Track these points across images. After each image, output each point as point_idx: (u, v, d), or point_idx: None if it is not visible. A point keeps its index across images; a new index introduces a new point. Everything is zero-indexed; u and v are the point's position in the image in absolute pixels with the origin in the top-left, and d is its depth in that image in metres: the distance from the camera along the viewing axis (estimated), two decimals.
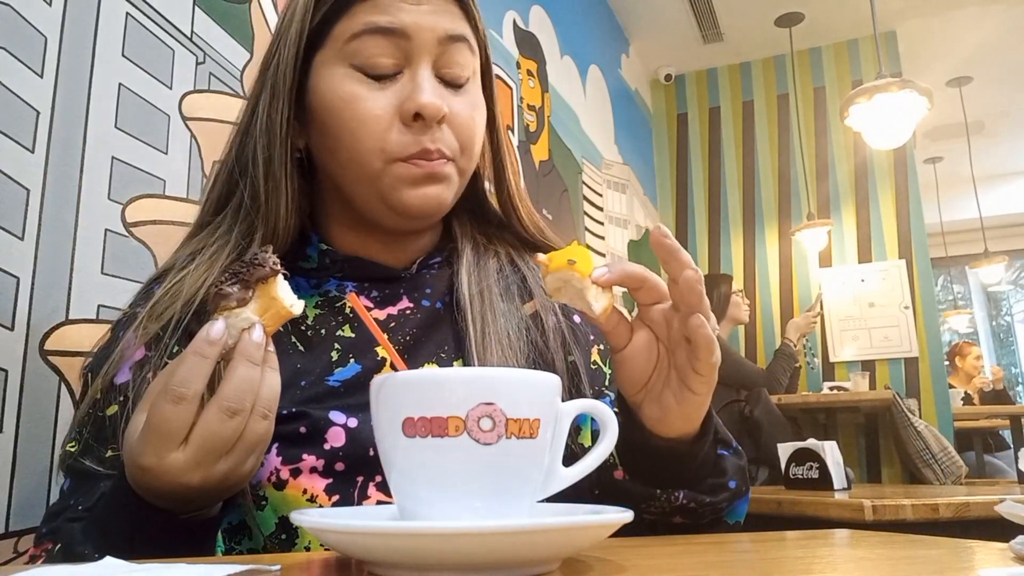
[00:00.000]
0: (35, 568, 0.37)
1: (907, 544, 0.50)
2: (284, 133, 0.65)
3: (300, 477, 0.59)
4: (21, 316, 0.82)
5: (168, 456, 0.46)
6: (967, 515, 1.50)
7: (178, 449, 0.46)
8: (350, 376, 0.65)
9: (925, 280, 3.70)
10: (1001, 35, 4.09)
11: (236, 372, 0.48)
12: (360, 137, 0.63)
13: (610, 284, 0.51)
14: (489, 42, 0.74)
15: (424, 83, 0.63)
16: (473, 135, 0.68)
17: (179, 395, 0.46)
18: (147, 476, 0.47)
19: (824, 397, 3.23)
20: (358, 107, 0.63)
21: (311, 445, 0.60)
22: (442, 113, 0.63)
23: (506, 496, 0.41)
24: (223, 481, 0.49)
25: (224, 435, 0.47)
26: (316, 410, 0.61)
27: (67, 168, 0.90)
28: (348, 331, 0.68)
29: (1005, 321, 7.22)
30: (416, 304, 0.70)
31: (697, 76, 4.33)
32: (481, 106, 0.70)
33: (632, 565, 0.41)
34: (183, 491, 0.48)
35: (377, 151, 0.63)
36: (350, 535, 0.37)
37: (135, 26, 1.02)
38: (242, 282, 0.49)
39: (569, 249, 0.53)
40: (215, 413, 0.47)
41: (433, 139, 0.64)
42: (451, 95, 0.66)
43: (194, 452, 0.46)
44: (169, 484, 0.47)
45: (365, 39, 0.63)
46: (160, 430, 0.46)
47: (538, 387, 0.43)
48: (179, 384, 0.46)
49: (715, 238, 4.09)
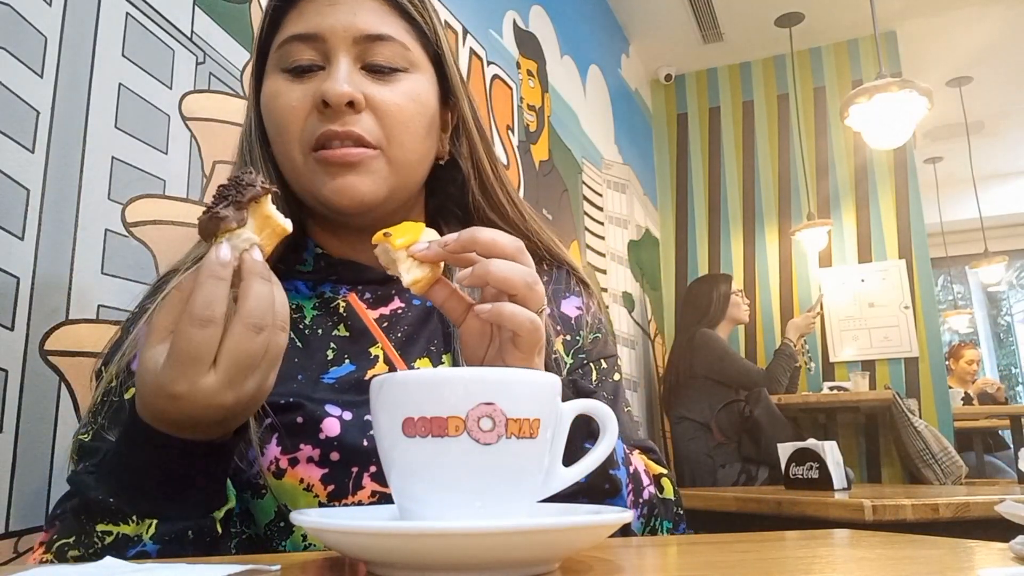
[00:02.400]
0: (35, 568, 0.37)
1: (907, 544, 0.50)
2: (254, 137, 0.70)
3: (297, 467, 0.61)
4: (21, 316, 0.82)
5: (200, 380, 0.47)
6: (967, 515, 1.50)
7: (209, 372, 0.47)
8: (344, 374, 0.67)
9: (925, 280, 3.70)
10: (1001, 35, 4.09)
11: (252, 289, 0.48)
12: (283, 131, 0.67)
13: (426, 260, 0.53)
14: (445, 46, 0.74)
15: (336, 73, 0.65)
16: (402, 124, 0.67)
17: (206, 318, 0.46)
18: (180, 404, 0.47)
19: (824, 397, 3.23)
20: (279, 102, 0.67)
21: (307, 435, 0.61)
22: (348, 98, 0.64)
23: (506, 496, 0.41)
24: (253, 398, 0.49)
25: (253, 351, 0.48)
26: (311, 402, 0.63)
27: (67, 168, 0.90)
28: (343, 330, 0.70)
29: (1005, 321, 7.22)
30: (407, 303, 0.73)
31: (697, 76, 4.33)
32: (417, 97, 0.69)
33: (632, 565, 0.41)
34: (216, 413, 0.48)
35: (295, 142, 0.66)
36: (350, 535, 0.37)
37: (135, 26, 1.02)
38: (235, 203, 0.49)
39: (400, 226, 0.56)
40: (242, 331, 0.47)
41: (343, 123, 0.65)
42: (375, 85, 0.67)
43: (225, 372, 0.47)
44: (203, 408, 0.47)
45: (288, 47, 0.67)
46: (190, 355, 0.46)
47: (538, 387, 0.43)
48: (203, 308, 0.47)
49: (715, 238, 4.09)
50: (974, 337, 6.78)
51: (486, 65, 2.17)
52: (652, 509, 0.68)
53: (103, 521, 0.50)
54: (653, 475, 0.71)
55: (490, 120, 2.14)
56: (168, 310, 0.49)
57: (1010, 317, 7.16)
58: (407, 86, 0.69)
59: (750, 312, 3.52)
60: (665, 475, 0.72)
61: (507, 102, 2.29)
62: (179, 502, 0.51)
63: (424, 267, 0.54)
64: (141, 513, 0.50)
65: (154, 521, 0.50)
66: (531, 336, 0.53)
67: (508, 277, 0.52)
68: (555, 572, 0.39)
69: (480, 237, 0.53)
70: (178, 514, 0.50)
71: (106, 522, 0.50)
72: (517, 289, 0.52)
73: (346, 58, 0.66)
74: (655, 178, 4.21)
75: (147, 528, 0.50)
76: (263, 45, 0.71)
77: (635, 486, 0.65)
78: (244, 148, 0.73)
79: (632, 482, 0.65)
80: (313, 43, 0.67)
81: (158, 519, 0.50)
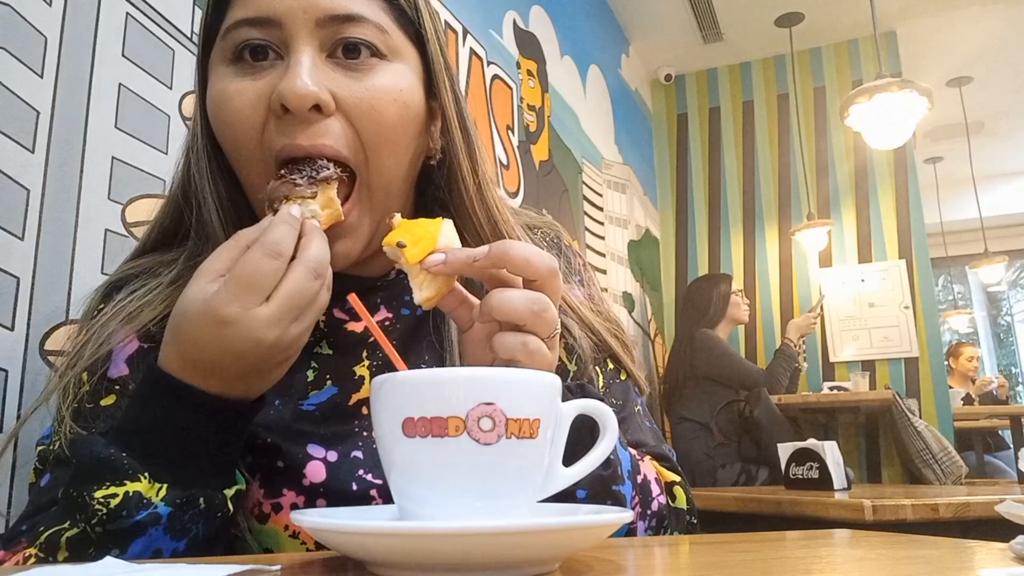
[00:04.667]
0: (35, 568, 0.37)
1: (907, 544, 0.50)
2: (202, 142, 0.61)
3: (281, 513, 0.57)
4: (21, 316, 0.82)
5: (253, 308, 0.47)
6: (967, 515, 1.50)
7: (263, 304, 0.47)
8: (325, 399, 0.62)
9: (925, 280, 3.69)
10: (1001, 35, 4.09)
11: (314, 241, 0.50)
12: (236, 147, 0.58)
13: (443, 274, 0.51)
14: (430, 23, 0.63)
15: (296, 67, 0.54)
16: (383, 134, 0.58)
17: (277, 251, 0.48)
18: (225, 330, 0.47)
19: (824, 397, 3.23)
20: (228, 108, 0.57)
21: (290, 481, 0.58)
22: (312, 100, 0.54)
23: (506, 496, 0.41)
24: (291, 345, 0.50)
25: (308, 293, 0.49)
26: (292, 445, 0.59)
27: (67, 168, 0.90)
28: (326, 348, 0.64)
29: (1005, 321, 7.22)
30: (395, 313, 0.67)
31: (697, 76, 4.33)
32: (397, 95, 0.59)
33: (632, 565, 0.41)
34: (255, 348, 0.48)
35: (253, 163, 0.57)
36: (350, 535, 0.37)
37: (135, 26, 1.02)
38: (309, 178, 0.54)
39: (414, 223, 0.52)
40: (303, 272, 0.49)
41: (310, 135, 0.55)
42: (346, 79, 0.57)
43: (278, 306, 0.48)
44: (245, 339, 0.47)
45: (234, 34, 0.57)
46: (252, 281, 0.47)
47: (538, 387, 0.43)
48: (276, 243, 0.48)
49: (715, 238, 4.09)
50: (974, 337, 6.78)
51: (486, 65, 2.17)
52: (662, 520, 0.64)
53: (106, 484, 0.46)
54: (665, 483, 0.67)
55: (490, 120, 2.14)
56: (220, 257, 0.49)
57: (1010, 317, 7.16)
58: (386, 80, 0.58)
59: (750, 312, 3.52)
60: (678, 483, 0.68)
61: (507, 102, 2.29)
62: (192, 465, 0.49)
63: (437, 280, 0.51)
64: (153, 474, 0.47)
65: (164, 484, 0.48)
66: (532, 365, 0.49)
67: (510, 310, 0.49)
68: (555, 572, 0.39)
69: (513, 254, 0.49)
70: (191, 480, 0.49)
71: (109, 485, 0.46)
72: (523, 320, 0.49)
73: (308, 47, 0.55)
74: (655, 178, 4.21)
75: (157, 491, 0.48)
76: (208, 34, 0.60)
77: (643, 497, 0.62)
78: (189, 162, 0.63)
79: (639, 494, 0.61)
80: (266, 28, 0.56)
81: (169, 483, 0.48)
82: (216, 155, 0.61)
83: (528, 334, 0.50)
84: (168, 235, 0.68)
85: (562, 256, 0.77)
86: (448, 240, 0.52)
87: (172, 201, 0.67)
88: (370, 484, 0.59)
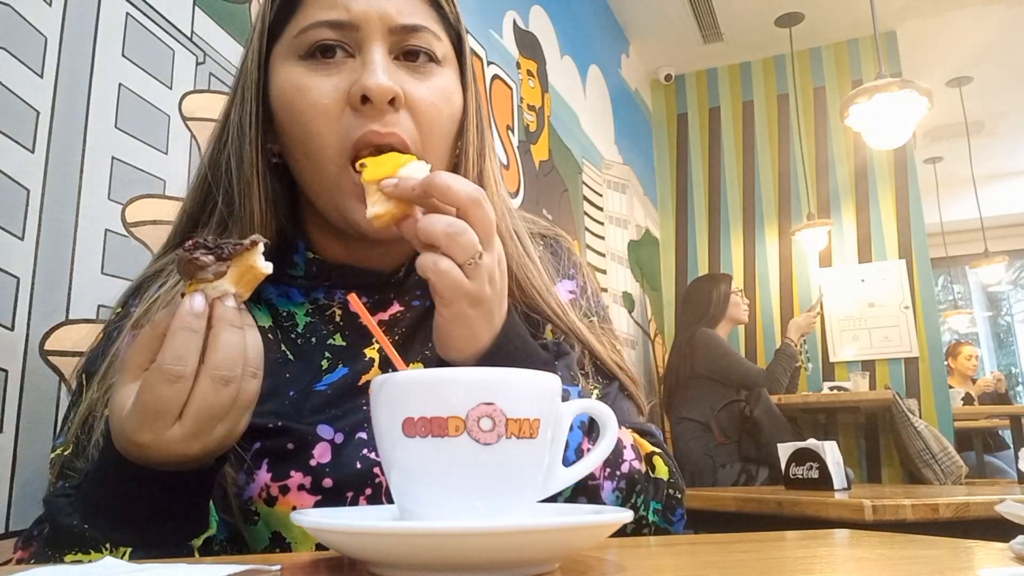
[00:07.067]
0: (35, 568, 0.37)
1: (907, 544, 0.50)
2: (254, 132, 0.63)
3: (289, 494, 0.59)
4: (21, 316, 0.82)
5: (165, 432, 0.46)
6: (967, 515, 1.50)
7: (174, 425, 0.46)
8: (337, 379, 0.65)
9: (925, 280, 3.69)
10: (1001, 35, 4.09)
11: (221, 339, 0.47)
12: (312, 134, 0.61)
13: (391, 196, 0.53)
14: (465, 31, 0.70)
15: (373, 64, 0.60)
16: (438, 128, 0.63)
17: (176, 374, 0.46)
18: (145, 451, 0.47)
19: (824, 397, 3.23)
20: (307, 98, 0.61)
21: (298, 462, 0.59)
22: (392, 93, 0.59)
23: (506, 496, 0.41)
24: (221, 443, 0.49)
25: (220, 404, 0.47)
26: (302, 424, 0.60)
27: (67, 168, 0.90)
28: (339, 339, 0.67)
29: (1005, 321, 7.22)
30: (407, 306, 0.69)
31: (697, 76, 4.33)
32: (450, 97, 0.65)
33: (632, 565, 0.42)
34: (182, 460, 0.48)
35: (330, 148, 0.60)
36: (350, 535, 0.37)
37: (135, 26, 1.02)
38: (216, 254, 0.48)
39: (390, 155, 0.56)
40: (209, 384, 0.46)
41: (385, 123, 0.60)
42: (411, 80, 0.62)
43: (191, 424, 0.46)
44: (167, 455, 0.47)
45: (311, 33, 0.61)
46: (156, 409, 0.46)
47: (538, 387, 0.43)
48: (174, 362, 0.46)
49: (715, 238, 4.09)
50: (974, 337, 6.78)
51: (486, 65, 2.17)
52: (633, 485, 0.63)
53: (73, 551, 0.48)
54: (645, 453, 0.66)
55: (490, 120, 2.14)
56: (141, 349, 0.48)
57: (1010, 317, 7.16)
58: (441, 82, 0.64)
59: (750, 312, 3.52)
60: (658, 454, 0.68)
61: (507, 102, 2.30)
62: (156, 530, 0.49)
63: (390, 203, 0.53)
64: (115, 541, 0.48)
65: (128, 549, 0.48)
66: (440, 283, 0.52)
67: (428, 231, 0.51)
68: (555, 572, 0.39)
69: (436, 182, 0.52)
70: (154, 542, 0.49)
71: (76, 551, 0.48)
72: (438, 242, 0.51)
73: (380, 47, 0.61)
74: (655, 178, 4.21)
75: (120, 556, 0.48)
76: (273, 29, 0.64)
77: (612, 457, 0.61)
78: (222, 145, 0.66)
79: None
80: (343, 31, 0.61)
81: (132, 547, 0.48)
82: (264, 141, 0.64)
83: (441, 255, 0.52)
84: (194, 222, 0.70)
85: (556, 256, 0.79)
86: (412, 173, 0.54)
87: (198, 190, 0.69)
88: (374, 462, 0.60)
